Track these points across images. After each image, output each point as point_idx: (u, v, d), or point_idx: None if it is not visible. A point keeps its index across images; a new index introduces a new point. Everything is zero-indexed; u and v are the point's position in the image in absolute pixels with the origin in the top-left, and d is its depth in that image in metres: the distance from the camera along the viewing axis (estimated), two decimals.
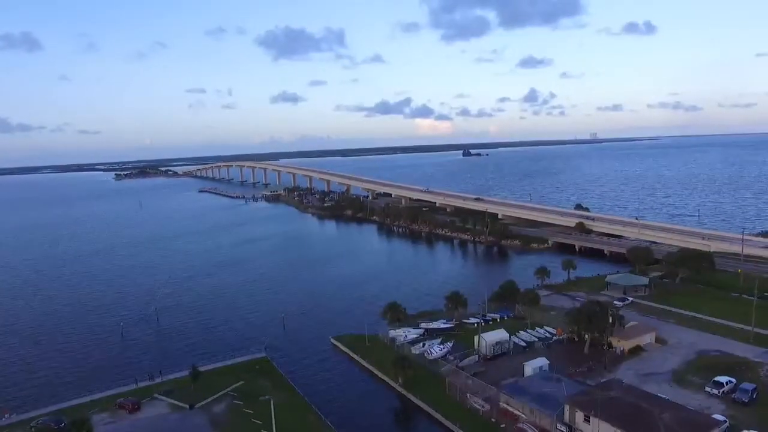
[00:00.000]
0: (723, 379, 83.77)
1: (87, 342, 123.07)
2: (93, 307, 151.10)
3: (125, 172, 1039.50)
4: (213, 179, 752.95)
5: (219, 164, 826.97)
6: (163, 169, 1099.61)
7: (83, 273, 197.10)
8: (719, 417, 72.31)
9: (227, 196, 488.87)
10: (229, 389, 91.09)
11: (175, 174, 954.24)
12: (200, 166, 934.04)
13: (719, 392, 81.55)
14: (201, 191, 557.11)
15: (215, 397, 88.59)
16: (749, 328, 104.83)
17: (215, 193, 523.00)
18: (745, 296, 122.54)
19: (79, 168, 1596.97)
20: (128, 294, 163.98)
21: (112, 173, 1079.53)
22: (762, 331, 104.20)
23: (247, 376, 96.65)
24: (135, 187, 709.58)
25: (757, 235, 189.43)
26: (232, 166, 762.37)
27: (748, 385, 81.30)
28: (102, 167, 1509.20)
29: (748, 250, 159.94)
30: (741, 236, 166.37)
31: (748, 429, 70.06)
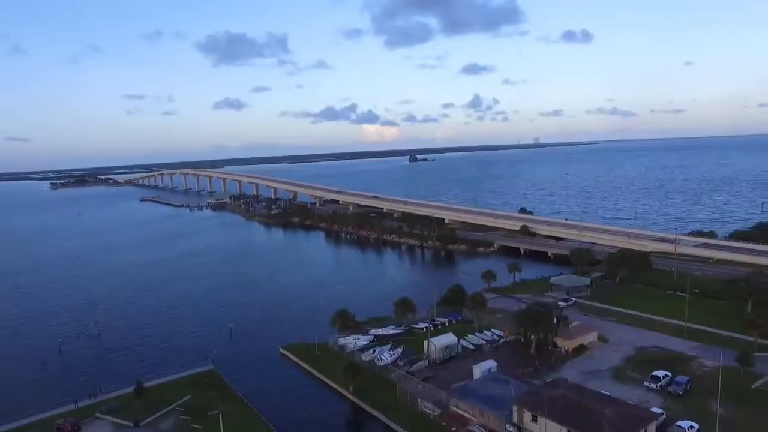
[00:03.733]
0: (660, 373, 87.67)
1: (22, 362, 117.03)
2: (28, 325, 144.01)
3: (62, 181, 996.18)
4: (156, 187, 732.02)
5: (162, 172, 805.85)
6: (103, 177, 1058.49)
7: (16, 289, 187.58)
8: (657, 410, 75.70)
9: (171, 204, 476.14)
10: (175, 404, 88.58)
11: (116, 182, 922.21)
12: (142, 174, 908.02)
13: (657, 386, 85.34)
14: (143, 200, 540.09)
15: (161, 413, 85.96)
16: (683, 323, 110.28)
17: (158, 202, 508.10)
18: (678, 293, 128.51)
19: (12, 177, 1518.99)
20: (66, 310, 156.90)
21: (48, 182, 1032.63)
22: (694, 326, 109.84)
23: (194, 389, 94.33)
24: (73, 196, 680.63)
25: (688, 234, 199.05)
26: (175, 174, 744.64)
27: (682, 378, 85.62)
28: (37, 176, 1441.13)
29: (681, 250, 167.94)
30: (674, 236, 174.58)
31: (683, 419, 73.64)
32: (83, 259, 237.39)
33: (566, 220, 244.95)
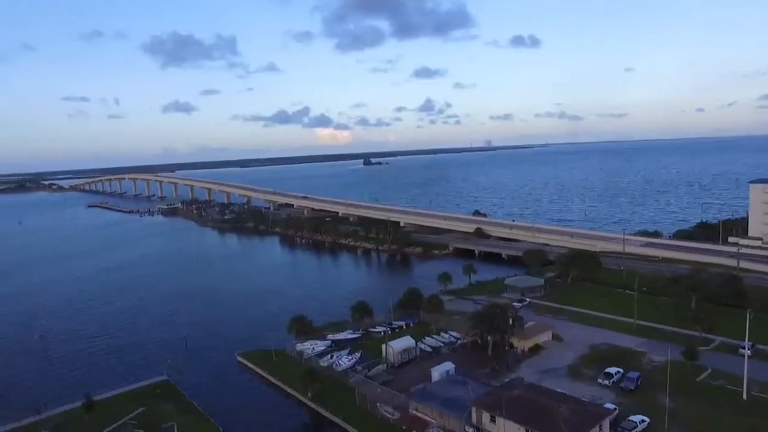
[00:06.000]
0: (612, 369, 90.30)
1: None
2: None
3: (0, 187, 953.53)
4: (104, 193, 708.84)
5: (110, 177, 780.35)
6: (46, 182, 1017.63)
7: None
8: (610, 405, 77.82)
9: (120, 210, 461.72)
10: (128, 417, 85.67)
11: (61, 188, 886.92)
12: (89, 180, 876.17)
13: (609, 382, 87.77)
14: (90, 206, 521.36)
15: (113, 427, 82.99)
16: (632, 320, 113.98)
17: (106, 208, 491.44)
18: (627, 291, 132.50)
19: None
20: (6, 323, 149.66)
21: None
22: (643, 323, 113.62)
23: (148, 401, 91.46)
24: (12, 202, 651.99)
25: (635, 234, 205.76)
26: (124, 179, 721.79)
27: (633, 374, 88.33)
28: None
29: (629, 249, 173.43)
30: (622, 236, 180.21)
31: (634, 414, 75.98)
32: (24, 269, 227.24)
33: (513, 221, 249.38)
